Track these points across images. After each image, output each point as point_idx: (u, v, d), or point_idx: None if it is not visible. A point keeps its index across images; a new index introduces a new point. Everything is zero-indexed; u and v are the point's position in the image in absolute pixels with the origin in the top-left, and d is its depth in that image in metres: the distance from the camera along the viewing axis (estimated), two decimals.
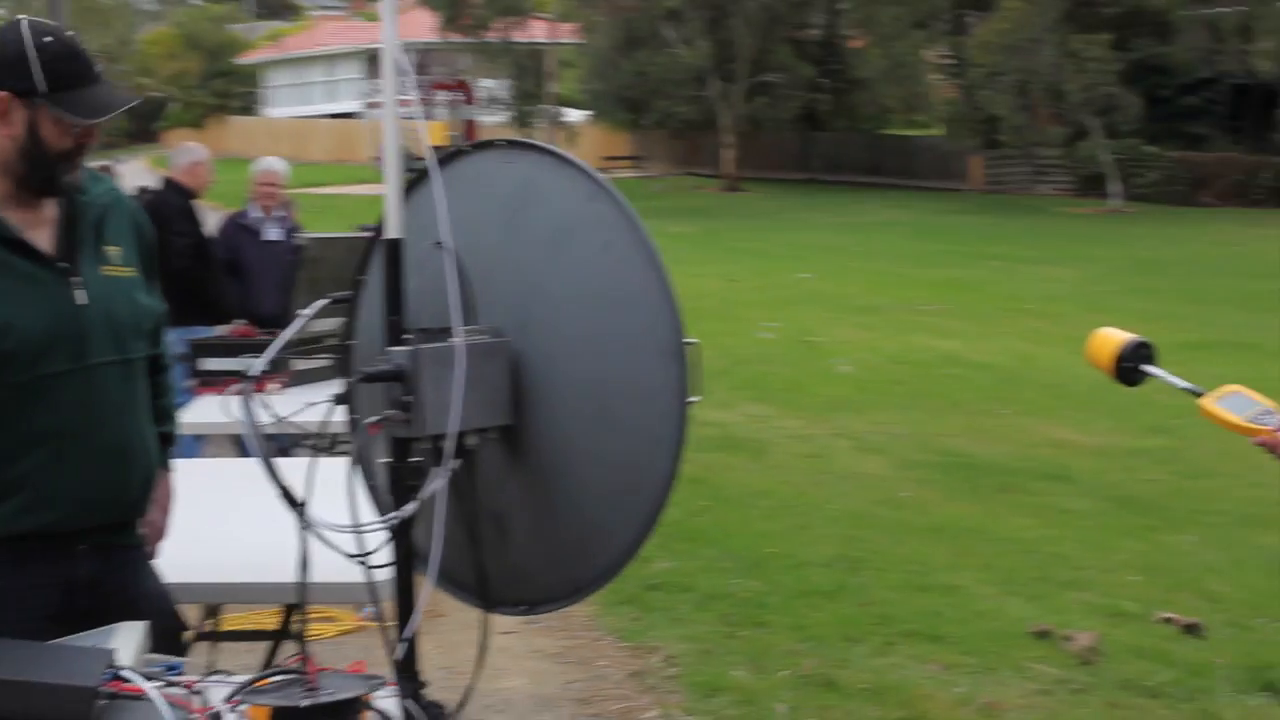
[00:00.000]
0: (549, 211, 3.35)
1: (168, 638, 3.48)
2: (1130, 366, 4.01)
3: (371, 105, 75.54)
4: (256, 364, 3.34)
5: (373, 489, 3.59)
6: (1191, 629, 7.75)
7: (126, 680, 2.53)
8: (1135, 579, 8.84)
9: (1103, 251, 33.98)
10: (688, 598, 7.82)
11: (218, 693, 2.69)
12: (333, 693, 2.56)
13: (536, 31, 61.41)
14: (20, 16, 3.74)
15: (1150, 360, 4.03)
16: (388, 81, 3.34)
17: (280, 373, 7.34)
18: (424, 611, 3.21)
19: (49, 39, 3.67)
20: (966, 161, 56.65)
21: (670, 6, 54.83)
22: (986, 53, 48.83)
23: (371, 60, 77.03)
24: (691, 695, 6.39)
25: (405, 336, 3.23)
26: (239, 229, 10.58)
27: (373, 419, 3.16)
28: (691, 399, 3.15)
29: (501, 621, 6.33)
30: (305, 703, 2.48)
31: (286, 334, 3.49)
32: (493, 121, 60.30)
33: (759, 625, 7.46)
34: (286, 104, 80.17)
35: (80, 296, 3.75)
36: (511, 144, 3.47)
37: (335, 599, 3.28)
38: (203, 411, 6.99)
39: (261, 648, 5.12)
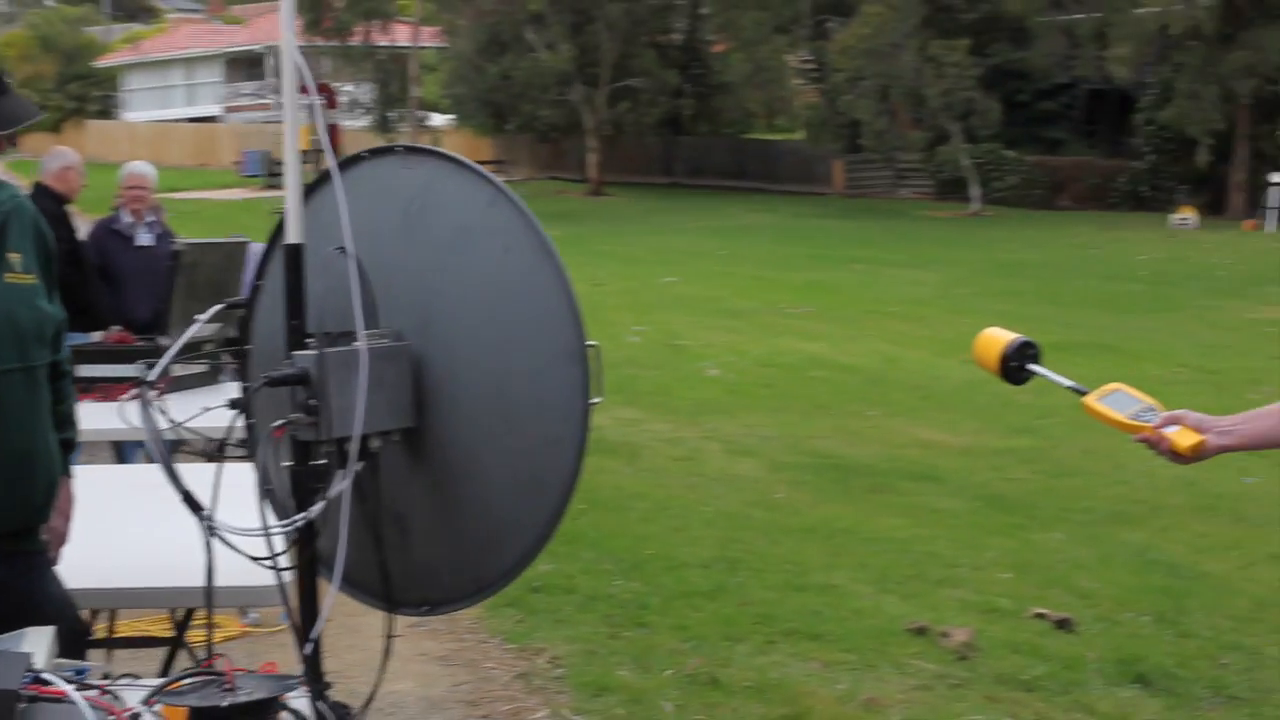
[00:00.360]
0: (448, 216, 3.37)
1: (71, 642, 3.47)
2: (1016, 365, 4.06)
3: (232, 109, 75.07)
4: (154, 370, 3.34)
5: (270, 493, 3.59)
6: (1063, 624, 7.90)
7: (46, 683, 2.53)
8: (1006, 576, 8.98)
9: (964, 254, 34.42)
10: (570, 600, 7.86)
11: (133, 695, 2.70)
12: (250, 693, 2.57)
13: (399, 35, 61.24)
14: None
15: (1035, 359, 4.08)
16: (286, 86, 3.34)
17: (158, 379, 7.25)
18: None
19: None
20: (829, 166, 57.18)
21: (533, 10, 54.87)
22: (848, 58, 49.26)
23: (231, 63, 76.48)
24: (579, 695, 6.44)
25: (308, 340, 3.24)
26: (110, 234, 10.45)
27: (279, 422, 3.16)
28: (593, 400, 3.19)
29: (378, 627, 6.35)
30: (226, 703, 2.49)
31: (182, 339, 3.49)
32: (355, 126, 60.01)
33: (641, 626, 7.52)
34: (145, 108, 79.29)
35: None
36: (409, 150, 3.49)
37: (235, 602, 3.27)
38: (80, 417, 6.89)
39: (152, 654, 5.10)
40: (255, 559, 3.11)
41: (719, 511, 10.35)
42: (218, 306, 3.61)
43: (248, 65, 76.39)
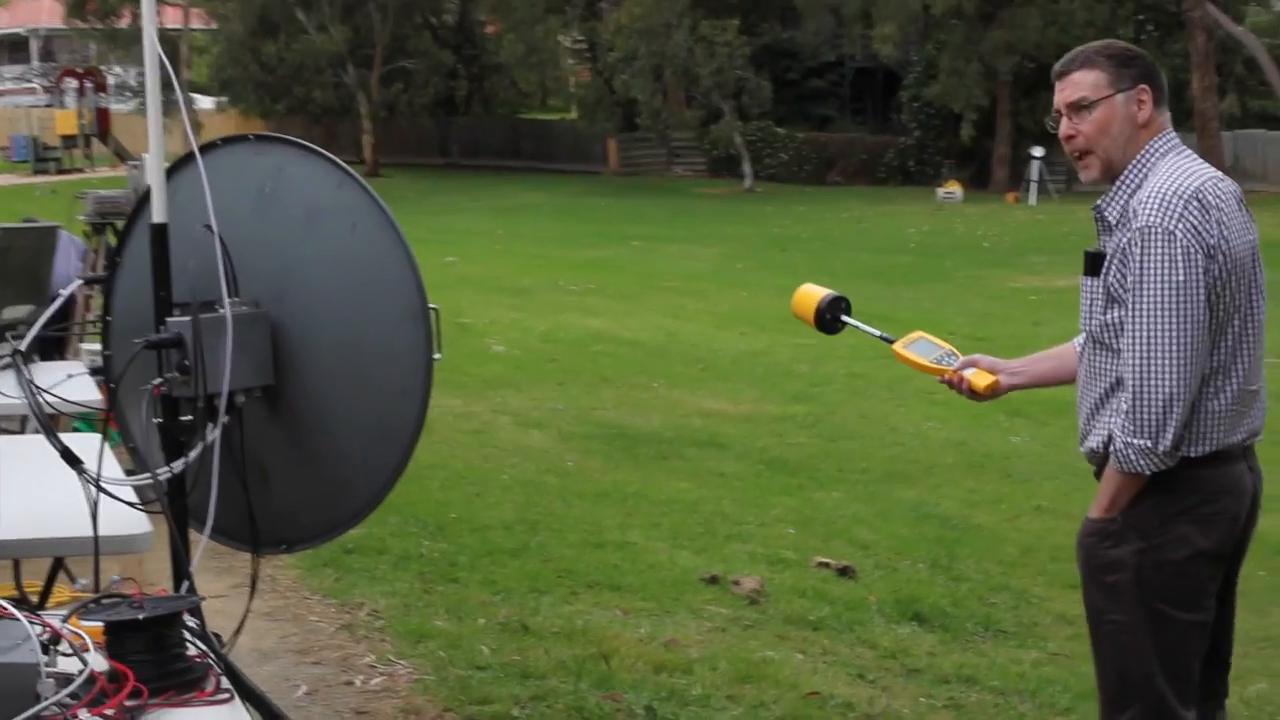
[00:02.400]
0: (300, 197, 3.76)
1: None
2: (830, 318, 4.57)
3: None
4: (24, 341, 3.65)
5: (133, 450, 3.92)
6: (845, 571, 8.39)
7: None
8: (790, 531, 9.44)
9: (738, 230, 35.03)
10: (383, 559, 8.18)
11: (51, 616, 3.01)
12: (157, 609, 2.90)
13: (168, 18, 60.46)
14: None
15: (847, 312, 4.60)
16: (150, 74, 3.66)
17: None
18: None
19: None
20: (604, 145, 57.63)
21: None
22: (622, 37, 49.69)
23: None
24: (401, 642, 6.79)
25: (176, 309, 3.58)
26: None
27: (157, 381, 3.49)
28: (435, 356, 3.59)
29: (211, 588, 6.65)
30: (142, 615, 2.83)
31: (47, 314, 3.80)
32: (124, 109, 59.14)
33: (453, 581, 7.87)
34: None
35: None
36: (261, 138, 3.85)
37: (111, 550, 3.58)
38: None
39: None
40: (133, 505, 3.44)
41: (515, 479, 10.68)
42: (76, 282, 3.91)
43: (10, 49, 74.90)
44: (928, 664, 6.87)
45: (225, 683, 2.92)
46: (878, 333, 4.55)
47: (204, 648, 3.01)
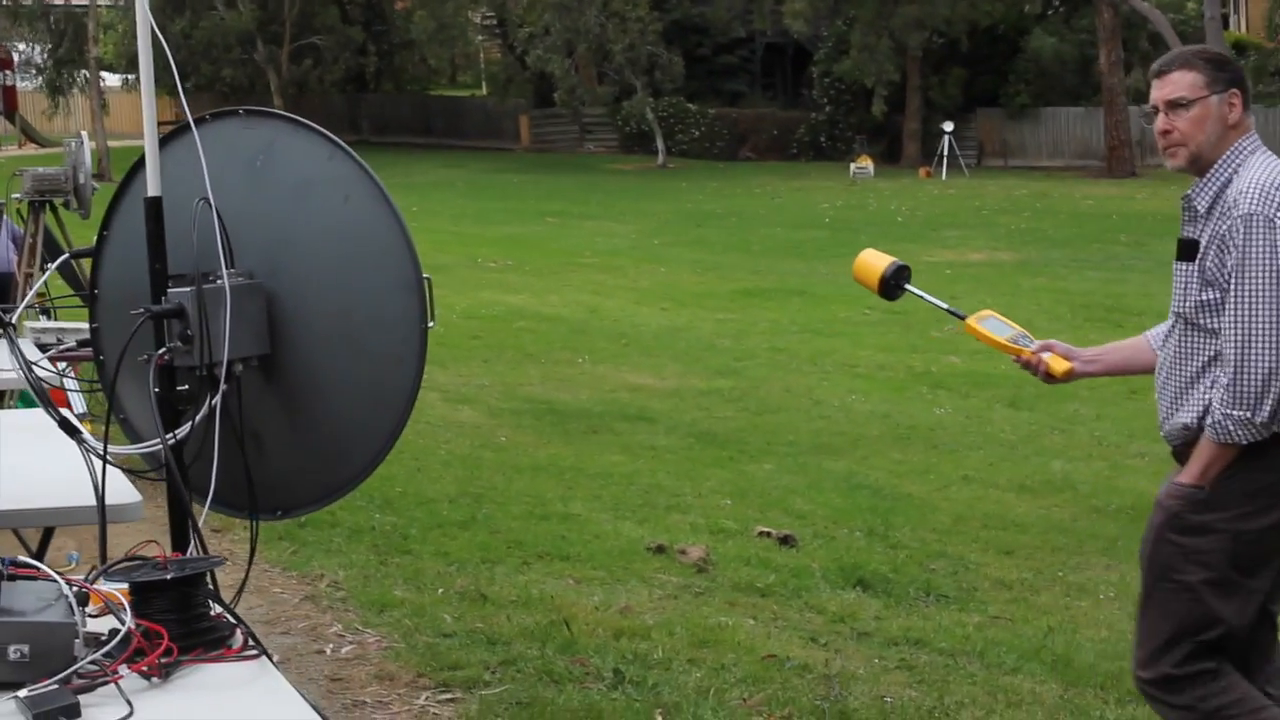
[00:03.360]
0: (292, 170, 3.85)
1: None
2: (894, 285, 4.70)
3: None
4: (14, 314, 3.71)
5: (125, 423, 3.99)
6: (787, 540, 8.55)
7: (20, 565, 2.92)
8: (727, 502, 9.60)
9: (653, 206, 35.16)
10: (337, 532, 8.26)
11: (76, 575, 3.09)
12: (182, 570, 2.98)
13: None
14: None
15: (909, 281, 4.73)
16: (144, 51, 3.72)
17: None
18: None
19: None
20: (516, 121, 57.56)
21: None
22: (534, 13, 49.63)
23: None
24: (365, 612, 6.88)
25: (172, 280, 3.65)
26: None
27: (161, 350, 3.56)
28: (429, 324, 3.69)
29: None
30: (170, 576, 2.90)
31: (36, 287, 3.87)
32: (28, 87, 58.54)
33: (406, 553, 7.97)
34: None
35: None
36: (251, 112, 3.93)
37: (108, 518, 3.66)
38: None
39: None
40: (142, 474, 3.51)
41: (451, 454, 10.77)
42: (64, 256, 3.98)
43: None
44: (875, 628, 7.05)
45: (252, 640, 3.01)
46: (945, 305, 4.77)
47: (224, 607, 3.09)
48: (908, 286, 4.74)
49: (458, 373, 14.47)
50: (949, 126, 43.80)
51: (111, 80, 60.06)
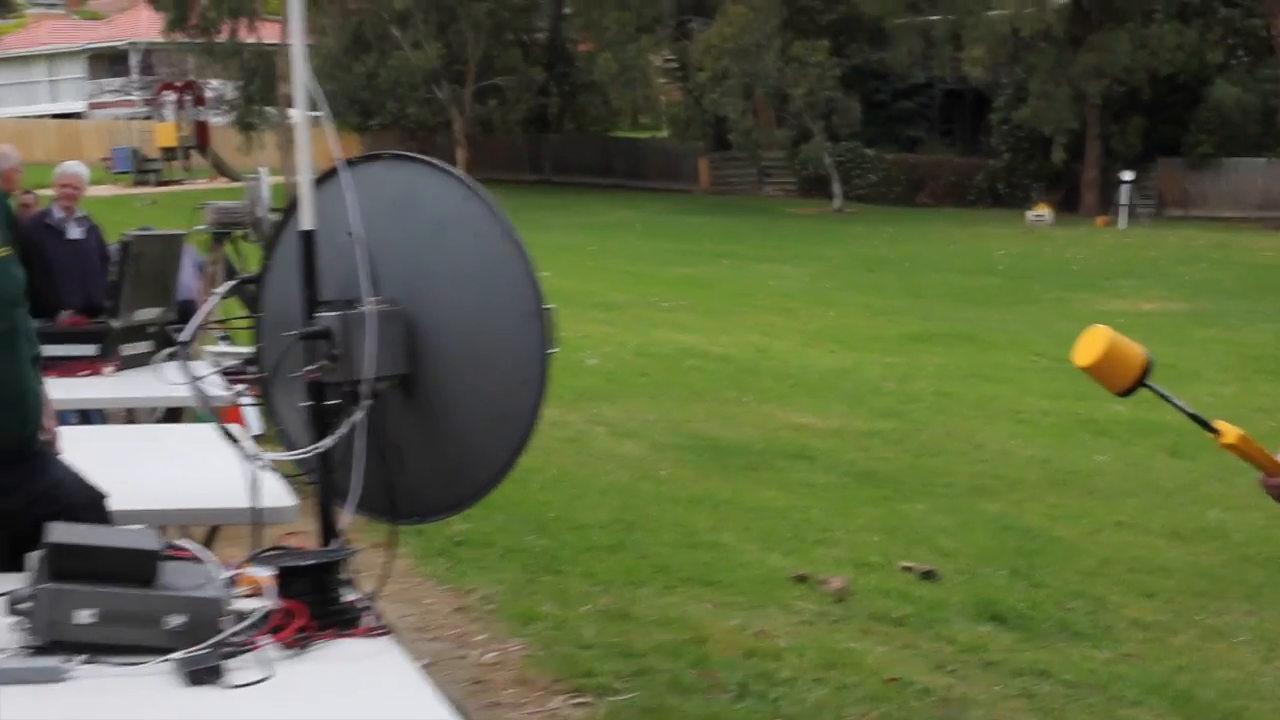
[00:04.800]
0: (430, 208, 4.29)
1: (95, 506, 4.20)
2: (1143, 381, 3.97)
3: (96, 106, 74.64)
4: (185, 332, 4.09)
5: (282, 433, 4.36)
6: (928, 575, 8.75)
7: (177, 548, 3.29)
8: (876, 538, 9.79)
9: (827, 250, 35.32)
10: (491, 551, 8.65)
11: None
12: (319, 558, 3.34)
13: (266, 33, 61.21)
14: None
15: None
16: (297, 85, 4.10)
17: (113, 358, 7.99)
18: None
19: None
20: (695, 163, 57.97)
21: (399, 9, 55.12)
22: (712, 57, 50.04)
23: (95, 59, 75.98)
24: (512, 623, 7.26)
25: (322, 305, 4.03)
26: (43, 228, 11.07)
27: (310, 368, 3.93)
28: (551, 350, 4.04)
29: None
30: (309, 562, 3.26)
31: (200, 315, 4.27)
32: (221, 122, 60.05)
33: (556, 573, 8.32)
34: (8, 104, 78.49)
35: None
36: (395, 156, 4.33)
37: (264, 520, 4.04)
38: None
39: None
40: (291, 477, 3.87)
41: (610, 484, 11.08)
42: (230, 283, 4.37)
43: (111, 61, 76.03)
44: (1004, 659, 7.22)
45: (380, 621, 3.34)
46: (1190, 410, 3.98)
47: (361, 595, 3.42)
48: (1149, 384, 3.99)
49: (625, 408, 14.75)
50: (1128, 175, 43.50)
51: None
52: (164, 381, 5.15)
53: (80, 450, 5.20)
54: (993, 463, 12.78)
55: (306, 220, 4.12)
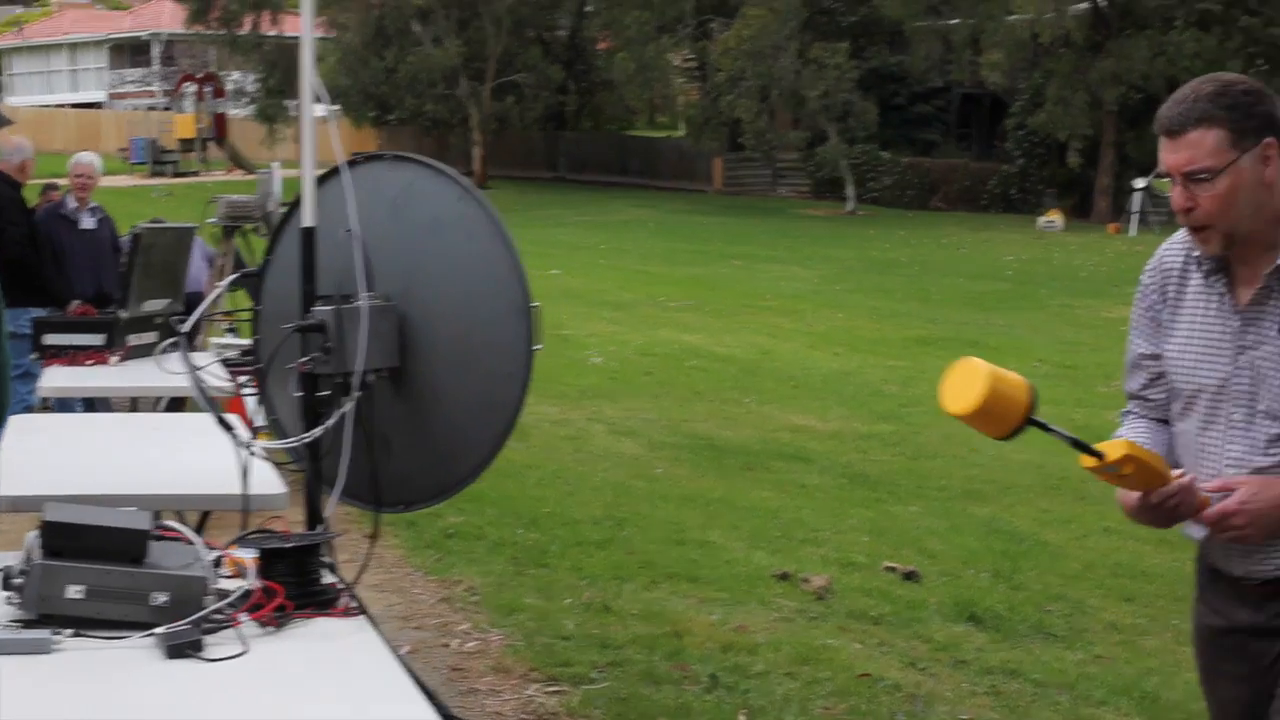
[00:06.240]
0: (426, 208, 4.50)
1: None
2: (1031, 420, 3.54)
3: (116, 96, 74.94)
4: (187, 323, 4.30)
5: (274, 421, 4.59)
6: (911, 576, 8.94)
7: (167, 528, 3.52)
8: (864, 539, 9.98)
9: (838, 252, 35.47)
10: (480, 544, 8.87)
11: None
12: (301, 541, 3.56)
13: (287, 26, 61.44)
14: None
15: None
16: (305, 82, 4.32)
17: (119, 348, 8.23)
18: None
19: None
20: (710, 163, 58.14)
21: (420, 5, 55.32)
22: (729, 58, 50.20)
23: (116, 50, 76.26)
24: (494, 614, 7.47)
25: (319, 300, 4.26)
26: (57, 218, 11.34)
27: (303, 359, 4.16)
28: (536, 346, 4.26)
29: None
30: (290, 544, 3.48)
31: (203, 307, 4.49)
32: (241, 115, 60.34)
33: (543, 566, 8.54)
34: (28, 92, 78.80)
35: None
36: (395, 157, 4.55)
37: (252, 507, 4.26)
38: (53, 379, 7.86)
39: None
40: (281, 464, 4.10)
41: (605, 481, 11.27)
42: (231, 277, 4.60)
43: (132, 51, 76.36)
44: (976, 658, 7.41)
45: (355, 603, 3.56)
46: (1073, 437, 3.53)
47: (337, 577, 3.65)
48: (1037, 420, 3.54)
49: (626, 407, 14.92)
50: (1141, 183, 43.53)
51: (319, 110, 61.60)
52: (166, 371, 5.35)
53: (83, 435, 5.48)
54: (987, 467, 12.94)
55: (308, 217, 4.35)
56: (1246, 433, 3.66)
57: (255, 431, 4.76)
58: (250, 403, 8.56)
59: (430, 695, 3.54)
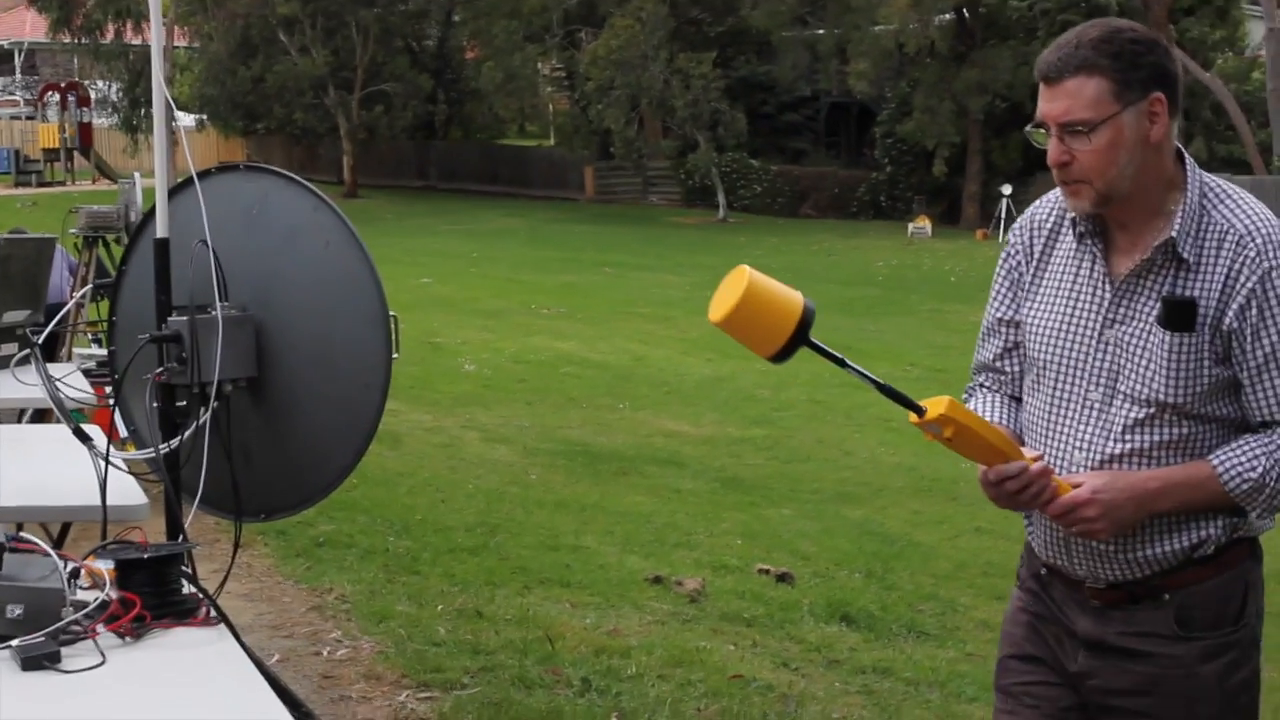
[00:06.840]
0: (282, 218, 4.48)
1: None
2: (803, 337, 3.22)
3: None
4: (41, 336, 4.24)
5: (133, 432, 4.52)
6: (784, 578, 8.98)
7: (23, 540, 3.45)
8: (737, 542, 10.02)
9: (710, 259, 35.55)
10: (351, 552, 8.79)
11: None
12: (159, 551, 3.50)
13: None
14: None
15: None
16: (157, 94, 4.26)
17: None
18: None
19: None
20: (580, 172, 58.21)
21: (286, 14, 54.92)
22: (598, 68, 50.26)
23: None
24: (365, 622, 7.41)
25: (174, 310, 4.20)
26: None
27: (159, 370, 4.09)
28: (394, 355, 4.22)
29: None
30: (147, 555, 3.42)
31: (58, 317, 4.43)
32: (105, 124, 59.63)
33: (415, 573, 8.48)
34: None
35: None
36: (249, 167, 4.51)
37: (112, 518, 4.21)
38: None
39: None
40: (139, 475, 4.03)
41: (478, 488, 11.23)
42: (87, 288, 4.53)
43: None
44: (849, 657, 7.46)
45: (214, 612, 3.50)
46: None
47: (196, 586, 3.58)
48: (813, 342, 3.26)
49: (499, 414, 14.89)
50: (1008, 190, 44.05)
51: (185, 120, 61.10)
52: (23, 383, 5.29)
53: None
54: (860, 469, 13.04)
55: (162, 228, 4.29)
56: (1103, 415, 3.42)
57: (122, 443, 4.70)
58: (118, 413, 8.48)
59: (297, 703, 3.50)
